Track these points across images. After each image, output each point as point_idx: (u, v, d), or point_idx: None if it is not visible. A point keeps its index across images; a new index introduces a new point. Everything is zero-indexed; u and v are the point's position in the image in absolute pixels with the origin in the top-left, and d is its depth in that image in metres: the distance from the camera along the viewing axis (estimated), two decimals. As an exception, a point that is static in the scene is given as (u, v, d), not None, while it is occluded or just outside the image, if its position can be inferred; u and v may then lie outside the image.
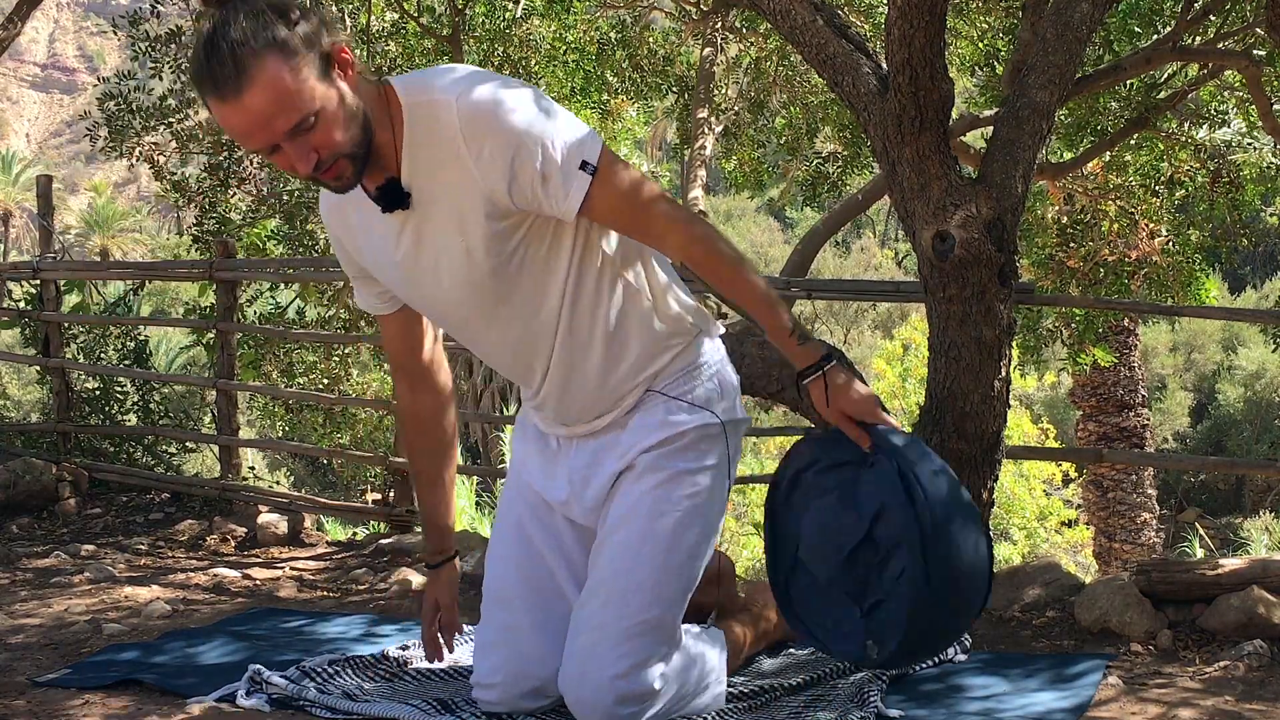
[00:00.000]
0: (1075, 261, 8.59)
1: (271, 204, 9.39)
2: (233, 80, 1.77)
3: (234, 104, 1.78)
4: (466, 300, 2.05)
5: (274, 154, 1.84)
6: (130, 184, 65.05)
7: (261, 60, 1.77)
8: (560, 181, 1.90)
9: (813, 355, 2.03)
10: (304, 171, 1.84)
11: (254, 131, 1.81)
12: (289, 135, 1.81)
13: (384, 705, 2.25)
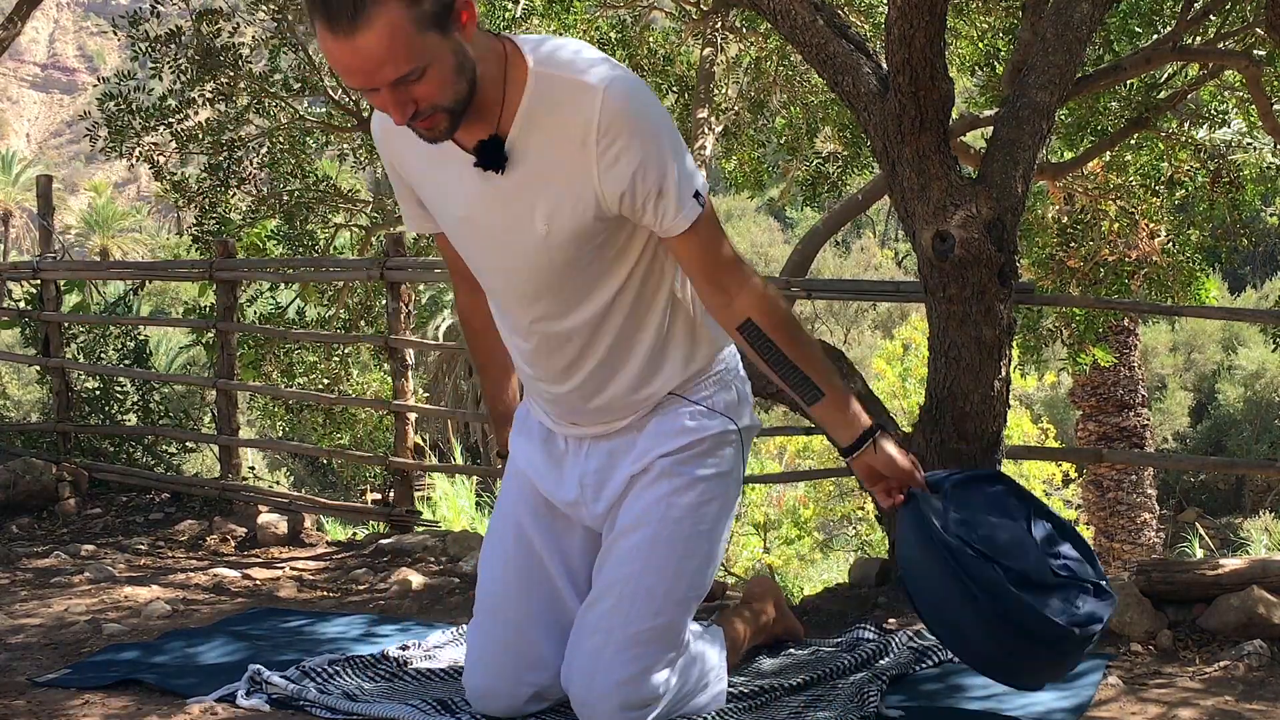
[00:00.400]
0: (1075, 261, 8.59)
1: (271, 204, 9.39)
2: (348, 16, 1.66)
3: (343, 40, 1.67)
4: (521, 276, 2.01)
5: (370, 94, 1.76)
6: (130, 184, 65.05)
7: (383, 1, 1.67)
8: (675, 202, 1.88)
9: (861, 427, 2.04)
10: (398, 120, 1.77)
11: (356, 72, 1.71)
12: (393, 84, 1.72)
13: (384, 705, 2.25)
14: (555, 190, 1.90)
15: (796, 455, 13.14)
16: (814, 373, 2.01)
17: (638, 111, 1.84)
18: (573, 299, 2.02)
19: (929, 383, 3.22)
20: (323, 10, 1.66)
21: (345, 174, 12.49)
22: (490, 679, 2.17)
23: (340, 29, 1.66)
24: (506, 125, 1.87)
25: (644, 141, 1.84)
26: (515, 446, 2.31)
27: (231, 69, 8.69)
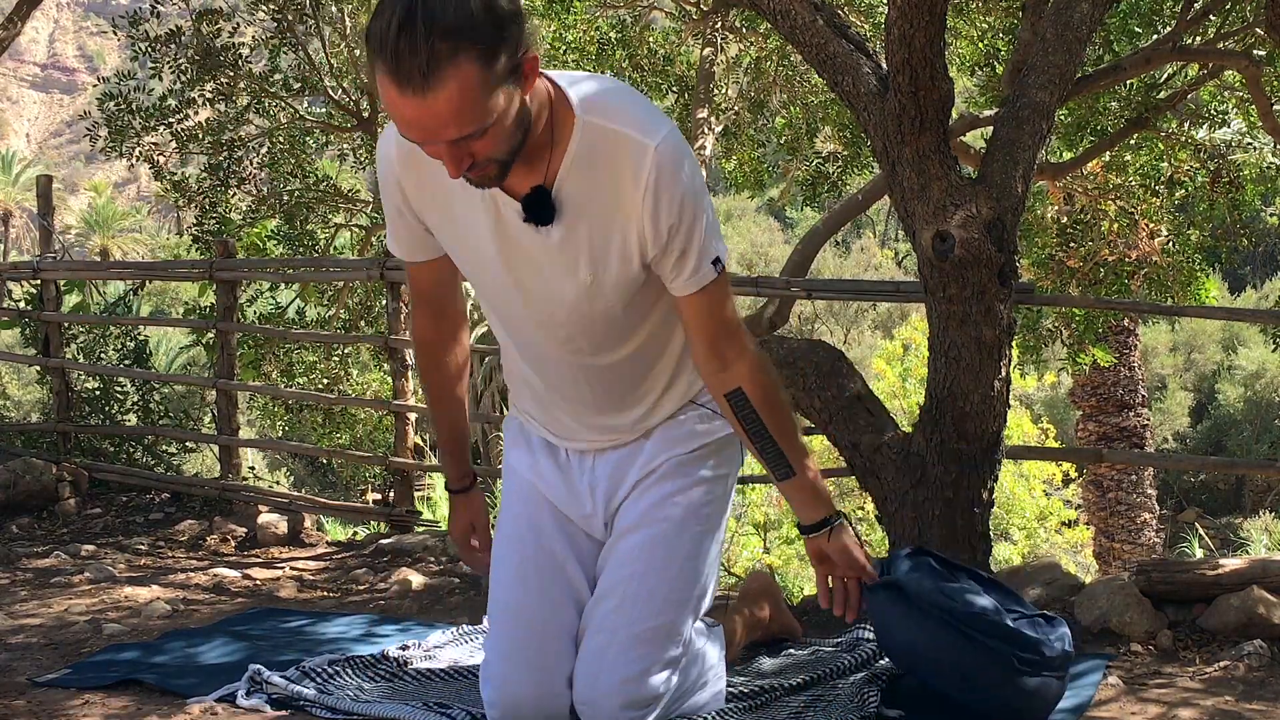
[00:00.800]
0: (1075, 261, 8.59)
1: (271, 204, 9.40)
2: (420, 76, 1.60)
3: (410, 98, 1.62)
4: (556, 319, 2.01)
5: (424, 144, 1.71)
6: (130, 184, 65.05)
7: (458, 62, 1.61)
8: (693, 264, 1.91)
9: (824, 510, 2.08)
10: (453, 173, 1.73)
11: (417, 128, 1.67)
12: (453, 141, 1.68)
13: (384, 705, 2.25)
14: (600, 240, 1.91)
15: (796, 455, 13.13)
16: (790, 450, 2.04)
17: (684, 174, 1.85)
18: (606, 341, 2.04)
19: (929, 383, 3.22)
20: (392, 66, 1.61)
21: (345, 174, 12.49)
22: (523, 687, 2.07)
23: (409, 85, 1.61)
24: (552, 173, 1.86)
25: (684, 203, 1.86)
26: (514, 457, 2.28)
27: (231, 69, 8.70)
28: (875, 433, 3.28)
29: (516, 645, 2.09)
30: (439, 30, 1.59)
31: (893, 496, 3.20)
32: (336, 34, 9.26)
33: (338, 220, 10.14)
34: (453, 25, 1.59)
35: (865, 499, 11.03)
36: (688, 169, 1.87)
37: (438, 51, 1.59)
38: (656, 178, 1.83)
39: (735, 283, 4.73)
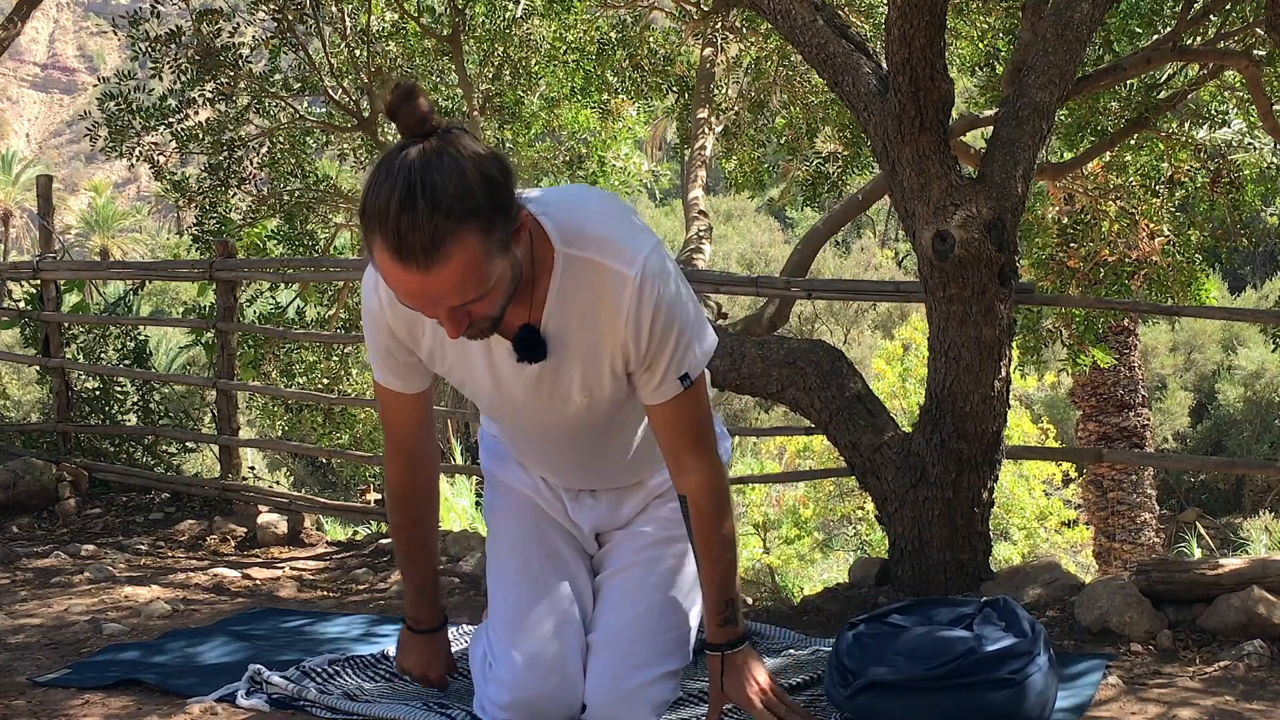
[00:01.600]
0: (1075, 261, 8.59)
1: (271, 204, 9.40)
2: (423, 252, 1.61)
3: (414, 274, 1.64)
4: (555, 429, 2.10)
5: (422, 310, 1.73)
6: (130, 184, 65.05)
7: (461, 237, 1.63)
8: (660, 378, 1.96)
9: (729, 635, 2.06)
10: (452, 334, 1.74)
11: (418, 298, 1.69)
12: (454, 308, 1.71)
13: (384, 705, 2.25)
14: (591, 365, 1.97)
15: (796, 455, 13.14)
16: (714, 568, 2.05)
17: (668, 304, 1.90)
18: (604, 439, 2.14)
19: (929, 383, 3.22)
20: (394, 243, 1.62)
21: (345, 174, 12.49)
22: (543, 689, 2.08)
23: (414, 264, 1.63)
24: (538, 309, 1.90)
25: (662, 325, 1.91)
26: (503, 471, 2.31)
27: (231, 69, 8.70)
28: (875, 433, 3.28)
29: (533, 649, 2.10)
30: (441, 209, 1.60)
31: (893, 496, 3.21)
32: (336, 34, 9.26)
33: (338, 220, 10.14)
34: (454, 203, 1.61)
35: (865, 499, 11.03)
36: (669, 295, 1.90)
37: (440, 229, 1.61)
38: (637, 306, 1.88)
39: (735, 283, 4.73)
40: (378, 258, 1.66)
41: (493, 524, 2.30)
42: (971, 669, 2.03)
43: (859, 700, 2.10)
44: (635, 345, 1.92)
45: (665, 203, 29.64)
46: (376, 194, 1.63)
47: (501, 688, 2.09)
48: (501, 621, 2.15)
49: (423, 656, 2.32)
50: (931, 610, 2.26)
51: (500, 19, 9.47)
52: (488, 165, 1.67)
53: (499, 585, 2.20)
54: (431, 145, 1.65)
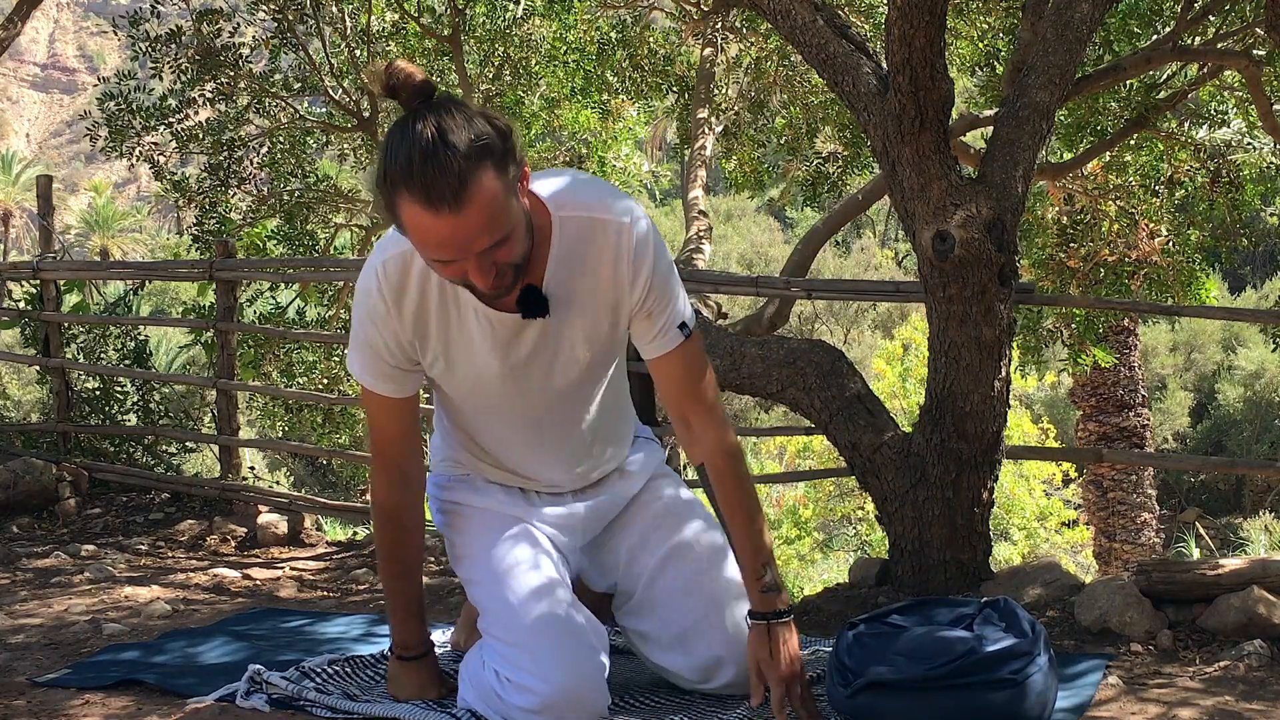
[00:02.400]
0: (1075, 261, 8.59)
1: (271, 204, 9.40)
2: (452, 194, 1.74)
3: (446, 217, 1.75)
4: (546, 401, 2.15)
5: (449, 265, 1.83)
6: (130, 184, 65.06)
7: (481, 176, 1.76)
8: (660, 325, 2.08)
9: (772, 604, 2.12)
10: (484, 285, 1.84)
11: (451, 244, 1.79)
12: (481, 252, 1.80)
13: (384, 705, 2.25)
14: (592, 318, 2.07)
15: (796, 455, 13.14)
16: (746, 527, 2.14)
17: (656, 244, 2.04)
18: (581, 404, 2.19)
19: (929, 383, 3.22)
20: (423, 193, 1.74)
21: (345, 174, 12.49)
22: (577, 690, 2.05)
23: (443, 205, 1.74)
24: (540, 271, 2.00)
25: (657, 269, 2.04)
26: (471, 498, 2.29)
27: (231, 69, 8.69)
28: (875, 433, 3.28)
29: (561, 653, 2.06)
30: (460, 152, 1.74)
31: (893, 496, 3.21)
32: (337, 34, 9.26)
33: (338, 220, 10.14)
34: (470, 145, 1.75)
35: (865, 499, 11.03)
36: (657, 238, 2.05)
37: (464, 170, 1.74)
38: (634, 250, 2.01)
39: (735, 283, 4.73)
40: (406, 214, 1.78)
41: (469, 546, 2.25)
42: (972, 669, 2.03)
43: (859, 700, 2.09)
44: (633, 289, 2.04)
45: (665, 203, 29.64)
46: (395, 156, 1.76)
47: (529, 696, 2.04)
48: (516, 629, 2.10)
49: (415, 684, 2.27)
50: (932, 610, 2.26)
51: (500, 19, 9.47)
52: (490, 115, 1.82)
53: (498, 599, 2.15)
54: (437, 105, 1.79)
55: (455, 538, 2.29)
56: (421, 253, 1.86)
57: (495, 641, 2.12)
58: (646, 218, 2.05)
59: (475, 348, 2.07)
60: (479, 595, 2.21)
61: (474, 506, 2.28)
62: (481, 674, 2.14)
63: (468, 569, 2.25)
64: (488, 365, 2.08)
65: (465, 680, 2.20)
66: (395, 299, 2.02)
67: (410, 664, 2.29)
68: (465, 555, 2.26)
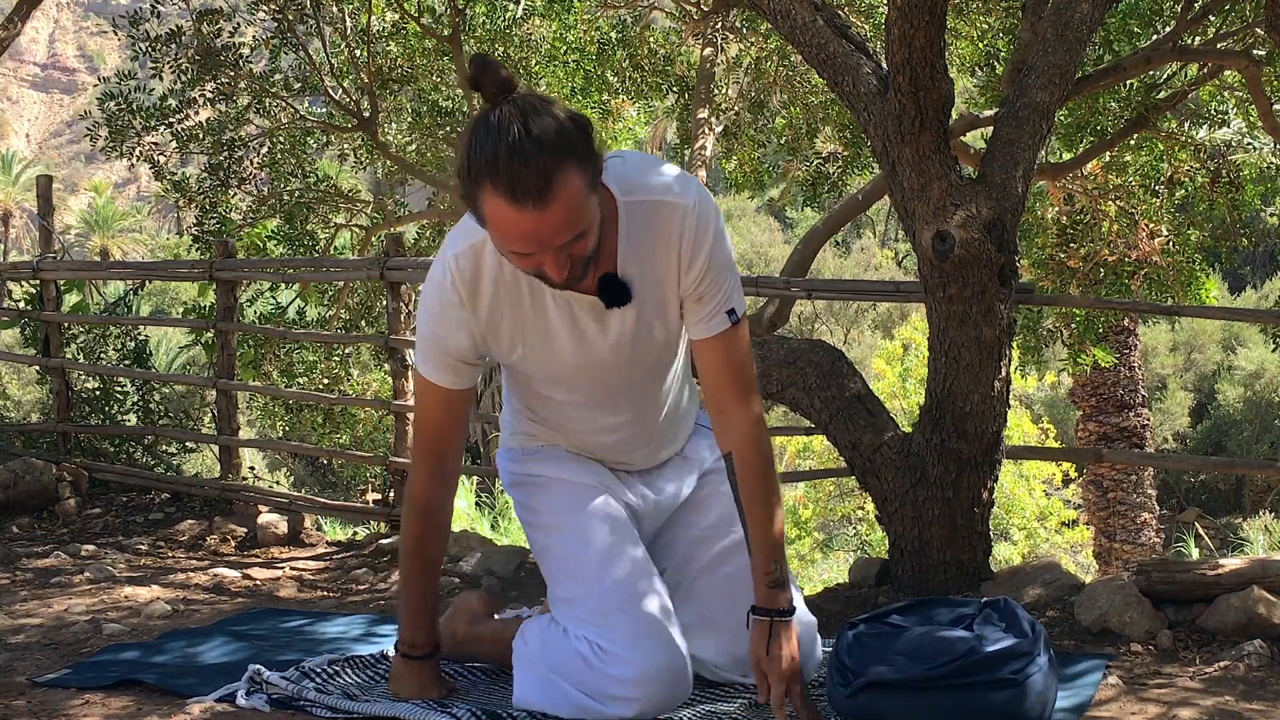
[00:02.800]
0: (1075, 261, 8.59)
1: (271, 204, 9.40)
2: (537, 191, 1.77)
3: (530, 212, 1.79)
4: (638, 375, 2.19)
5: (525, 258, 1.86)
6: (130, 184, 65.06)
7: (566, 172, 1.79)
8: (710, 308, 2.10)
9: (777, 601, 2.12)
10: (558, 278, 1.88)
11: (533, 239, 1.82)
12: (559, 246, 1.84)
13: (384, 705, 2.25)
14: (659, 298, 2.11)
15: (796, 455, 13.14)
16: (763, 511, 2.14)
17: (715, 227, 2.07)
18: (657, 382, 2.24)
19: (929, 383, 3.22)
20: (508, 188, 1.78)
21: (345, 174, 12.50)
22: (668, 662, 2.09)
23: (528, 200, 1.78)
24: (611, 257, 2.03)
25: (716, 253, 2.07)
26: (551, 469, 2.30)
27: (231, 69, 8.69)
28: (875, 433, 3.28)
29: (659, 632, 2.11)
30: (547, 148, 1.78)
31: (893, 496, 3.21)
32: (337, 34, 9.25)
33: (338, 220, 10.14)
34: (555, 142, 1.79)
35: (865, 499, 11.02)
36: (716, 224, 2.07)
37: (549, 166, 1.77)
38: (694, 232, 2.04)
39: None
40: (489, 207, 1.81)
41: (553, 516, 2.26)
42: (972, 669, 2.03)
43: (859, 700, 2.09)
44: (689, 271, 2.06)
45: (665, 203, 29.54)
46: (480, 149, 1.79)
47: (628, 666, 2.06)
48: (611, 602, 2.12)
49: (417, 683, 2.27)
50: (932, 610, 2.26)
51: (500, 19, 9.47)
52: (573, 112, 1.86)
53: (588, 571, 2.16)
54: (520, 99, 1.82)
55: (537, 504, 2.30)
56: (499, 245, 1.89)
57: (582, 611, 2.13)
58: (710, 201, 2.07)
59: (554, 332, 2.10)
60: (559, 565, 2.22)
61: (554, 478, 2.29)
62: (564, 644, 2.13)
63: (548, 537, 2.26)
64: (566, 349, 2.11)
65: (528, 657, 2.19)
66: (470, 291, 2.05)
67: (415, 663, 2.28)
68: (548, 525, 2.27)
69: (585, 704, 2.10)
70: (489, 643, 2.44)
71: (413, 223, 11.03)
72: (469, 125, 1.86)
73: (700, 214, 2.04)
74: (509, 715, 2.16)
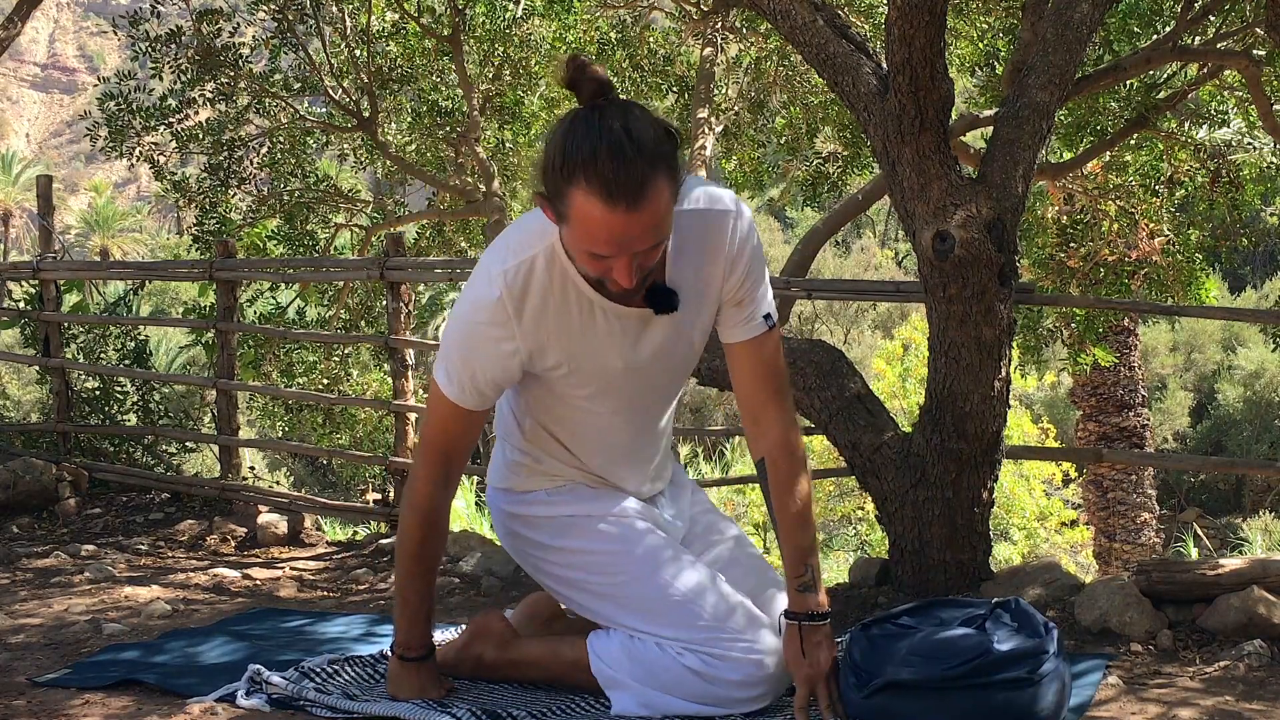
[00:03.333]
0: (1075, 261, 8.59)
1: (271, 204, 9.40)
2: (632, 194, 1.80)
3: (621, 214, 1.82)
4: (664, 380, 2.23)
5: (600, 260, 1.89)
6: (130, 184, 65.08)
7: (658, 179, 1.83)
8: (746, 316, 2.16)
9: (808, 605, 2.17)
10: (626, 284, 1.91)
11: (618, 241, 1.85)
12: (637, 253, 1.88)
13: (384, 705, 2.25)
14: (699, 305, 2.14)
15: (796, 455, 13.10)
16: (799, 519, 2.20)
17: (757, 239, 2.15)
18: (672, 397, 2.30)
19: (929, 383, 3.22)
20: (604, 187, 1.80)
21: (345, 174, 12.50)
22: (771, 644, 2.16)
23: (621, 202, 1.81)
24: (661, 266, 2.05)
25: (755, 258, 2.14)
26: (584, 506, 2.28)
27: (231, 69, 8.70)
28: (875, 433, 3.28)
29: (758, 624, 2.16)
30: (645, 154, 1.82)
31: (893, 496, 3.21)
32: (337, 34, 9.26)
33: (338, 220, 10.14)
34: (653, 149, 1.83)
35: (865, 499, 11.02)
36: (756, 234, 2.14)
37: (646, 173, 1.81)
38: (743, 237, 2.10)
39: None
40: (579, 203, 1.83)
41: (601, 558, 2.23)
42: (989, 669, 2.02)
43: (875, 700, 2.09)
44: (732, 274, 2.11)
45: (665, 203, 29.58)
46: (579, 145, 1.82)
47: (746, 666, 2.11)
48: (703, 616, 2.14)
49: (416, 684, 2.26)
50: (942, 611, 2.26)
51: (500, 19, 9.47)
52: (665, 121, 1.90)
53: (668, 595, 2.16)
54: (621, 103, 1.87)
55: (582, 545, 2.25)
56: (578, 243, 1.89)
57: (677, 631, 2.14)
58: (748, 209, 2.14)
59: (601, 346, 2.10)
60: (634, 599, 2.19)
61: (594, 514, 2.26)
62: (665, 660, 2.14)
63: (610, 575, 2.22)
64: (612, 362, 2.12)
65: (617, 680, 2.19)
66: (517, 307, 2.02)
67: (411, 665, 2.28)
68: (604, 563, 2.23)
69: (705, 709, 2.13)
70: (534, 666, 2.36)
71: (413, 223, 11.03)
72: (563, 121, 1.87)
73: (746, 221, 2.11)
74: (509, 715, 2.16)
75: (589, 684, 2.24)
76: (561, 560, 2.29)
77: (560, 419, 2.23)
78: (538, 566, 2.34)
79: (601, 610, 2.25)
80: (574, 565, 2.27)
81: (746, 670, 2.12)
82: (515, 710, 2.19)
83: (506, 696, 2.31)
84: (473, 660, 2.42)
